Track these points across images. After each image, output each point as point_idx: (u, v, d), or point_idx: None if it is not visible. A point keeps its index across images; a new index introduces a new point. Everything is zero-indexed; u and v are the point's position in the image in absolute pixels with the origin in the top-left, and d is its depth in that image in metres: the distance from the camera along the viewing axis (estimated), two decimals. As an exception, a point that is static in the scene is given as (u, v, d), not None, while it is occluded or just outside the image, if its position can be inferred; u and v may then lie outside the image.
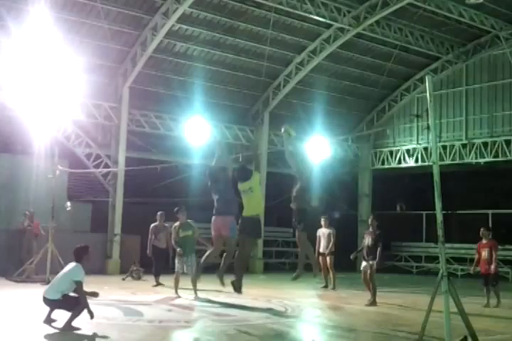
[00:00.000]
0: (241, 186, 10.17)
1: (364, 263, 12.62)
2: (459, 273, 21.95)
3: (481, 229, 12.95)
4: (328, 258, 15.82)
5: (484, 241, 12.75)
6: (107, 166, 19.83)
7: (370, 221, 13.04)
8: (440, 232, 7.28)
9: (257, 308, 11.71)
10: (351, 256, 13.30)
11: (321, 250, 16.04)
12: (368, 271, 12.41)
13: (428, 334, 7.10)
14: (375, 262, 12.34)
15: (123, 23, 18.87)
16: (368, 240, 12.64)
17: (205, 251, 11.29)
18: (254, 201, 10.05)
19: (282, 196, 25.04)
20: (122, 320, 9.77)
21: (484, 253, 12.62)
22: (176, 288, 13.01)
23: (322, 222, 16.31)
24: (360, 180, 26.26)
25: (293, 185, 11.15)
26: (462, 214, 23.23)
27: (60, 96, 17.10)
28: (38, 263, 15.46)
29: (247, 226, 9.85)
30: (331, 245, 15.90)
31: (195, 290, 12.76)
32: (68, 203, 17.79)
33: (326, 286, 15.85)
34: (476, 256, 12.97)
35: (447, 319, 6.90)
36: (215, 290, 12.72)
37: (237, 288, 10.05)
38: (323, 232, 16.18)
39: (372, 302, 12.32)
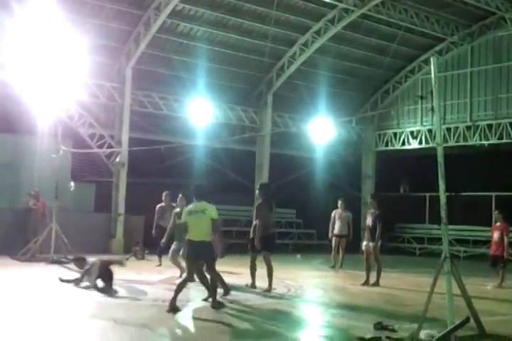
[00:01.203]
0: (194, 206, 9.12)
1: (365, 243, 12.72)
2: (462, 254, 22.04)
3: (494, 213, 13.32)
4: (343, 240, 16.01)
5: (497, 224, 13.15)
6: (110, 146, 19.84)
7: (369, 201, 13.10)
8: (443, 214, 7.29)
9: (259, 289, 11.78)
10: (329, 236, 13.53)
11: (336, 232, 16.09)
12: (370, 251, 12.48)
13: (430, 314, 7.14)
14: (374, 245, 12.40)
15: (126, 2, 18.74)
16: (368, 220, 12.71)
17: None
18: (204, 224, 8.88)
19: (285, 177, 25.15)
20: (127, 299, 9.84)
21: (495, 236, 13.02)
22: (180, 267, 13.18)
23: (339, 204, 16.27)
24: (363, 161, 26.24)
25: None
26: (466, 196, 23.24)
27: (63, 76, 17.05)
28: (42, 242, 15.55)
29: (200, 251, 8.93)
30: (351, 231, 16.16)
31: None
32: (72, 183, 17.84)
33: (334, 266, 15.93)
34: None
35: (449, 300, 6.94)
36: (218, 270, 12.75)
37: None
38: (339, 214, 16.15)
39: (375, 283, 12.41)
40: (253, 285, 11.44)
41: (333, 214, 16.29)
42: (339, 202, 16.31)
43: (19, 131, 18.88)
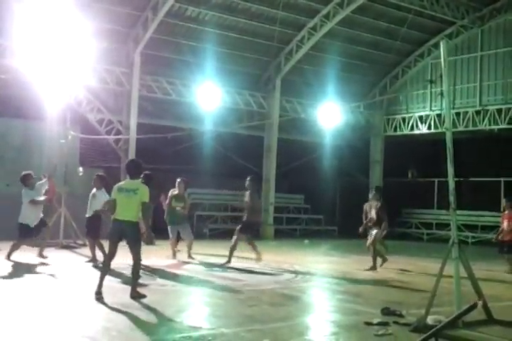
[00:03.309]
0: (126, 183, 8.52)
1: (370, 232, 13.06)
2: (470, 240, 22.02)
3: (503, 200, 13.46)
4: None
5: (506, 212, 13.18)
6: (118, 132, 19.87)
7: (372, 194, 13.46)
8: (452, 199, 7.27)
9: (268, 274, 11.85)
10: (360, 230, 13.44)
11: (367, 221, 15.70)
12: (371, 238, 12.88)
13: (438, 300, 7.16)
14: (378, 231, 12.84)
15: (134, -14, 18.66)
16: (372, 213, 13.10)
17: None
18: (134, 204, 8.22)
19: (293, 163, 25.14)
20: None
21: (505, 224, 13.10)
22: (174, 252, 13.53)
23: (371, 196, 15.84)
24: (372, 146, 26.17)
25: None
26: (474, 181, 23.17)
27: (72, 61, 17.04)
28: (51, 227, 15.62)
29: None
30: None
31: (190, 253, 13.56)
32: (80, 168, 17.89)
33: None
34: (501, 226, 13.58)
35: (457, 285, 6.96)
36: (227, 255, 12.84)
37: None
38: (369, 206, 15.72)
39: (372, 267, 12.70)
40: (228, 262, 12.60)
41: (365, 207, 15.75)
42: (372, 193, 15.82)
43: (28, 117, 18.90)
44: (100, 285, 8.09)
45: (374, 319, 7.15)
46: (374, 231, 12.87)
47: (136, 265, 8.42)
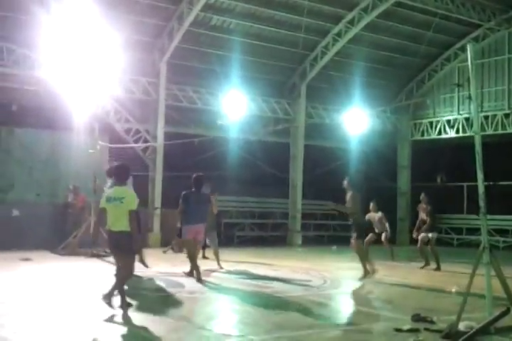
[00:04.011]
0: (113, 192, 7.98)
1: (422, 234, 14.20)
2: (501, 245, 21.71)
3: None
4: (382, 235, 16.09)
5: None
6: (146, 141, 20.04)
7: (421, 197, 14.51)
8: (482, 204, 7.19)
9: (296, 280, 11.81)
10: (414, 235, 14.62)
11: (376, 231, 15.98)
12: (425, 241, 14.11)
13: (470, 305, 7.06)
14: (432, 234, 14.15)
15: (159, -3, 18.85)
16: (422, 215, 14.32)
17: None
18: (122, 213, 7.70)
19: (320, 169, 25.07)
20: (164, 291, 9.97)
21: None
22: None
23: (371, 207, 16.18)
24: (399, 151, 25.99)
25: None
26: (504, 185, 22.85)
27: (99, 72, 17.25)
28: (81, 236, 15.80)
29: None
30: (387, 226, 16.38)
31: (219, 261, 13.44)
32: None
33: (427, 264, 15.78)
34: None
35: (489, 291, 6.86)
36: (255, 262, 12.85)
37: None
38: (373, 217, 16.07)
39: (436, 268, 13.76)
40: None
41: (367, 218, 15.86)
42: (371, 205, 16.16)
43: (57, 127, 19.17)
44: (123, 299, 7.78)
45: (404, 325, 7.08)
46: (430, 235, 14.07)
47: (126, 275, 7.94)
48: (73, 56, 16.53)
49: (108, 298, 7.87)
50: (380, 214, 16.26)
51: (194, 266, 11.10)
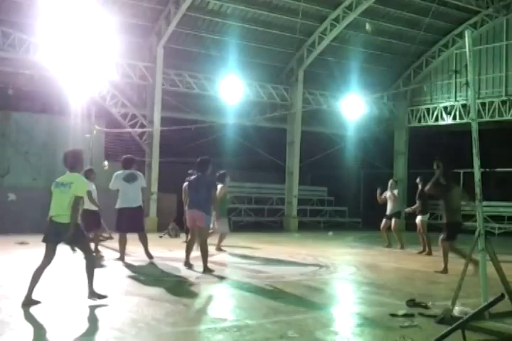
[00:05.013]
0: (63, 177, 7.80)
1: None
2: (497, 231, 21.81)
3: None
4: (393, 220, 15.49)
5: None
6: (142, 126, 20.00)
7: (417, 181, 14.69)
8: (478, 190, 7.21)
9: (292, 265, 11.87)
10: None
11: (387, 212, 15.67)
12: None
13: (464, 291, 7.12)
14: (423, 216, 14.33)
15: (156, -20, 18.71)
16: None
17: None
18: (67, 200, 7.43)
19: (317, 155, 25.09)
20: (160, 276, 10.01)
21: None
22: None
23: (389, 185, 15.85)
24: (396, 138, 25.99)
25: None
26: (501, 172, 22.92)
27: (96, 56, 17.17)
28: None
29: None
30: (391, 207, 15.60)
31: (220, 245, 13.53)
32: (106, 162, 18.06)
33: (389, 246, 15.70)
34: None
35: (483, 277, 6.90)
36: (251, 247, 12.89)
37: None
38: (388, 195, 15.82)
39: (428, 253, 13.83)
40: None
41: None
42: (389, 183, 15.86)
43: (53, 112, 19.13)
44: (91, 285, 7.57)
45: (399, 311, 7.13)
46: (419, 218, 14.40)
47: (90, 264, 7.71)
48: (69, 40, 16.46)
49: (93, 295, 7.56)
50: (393, 191, 15.68)
51: (187, 251, 10.96)
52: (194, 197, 10.60)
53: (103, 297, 7.50)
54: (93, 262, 7.81)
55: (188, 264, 10.72)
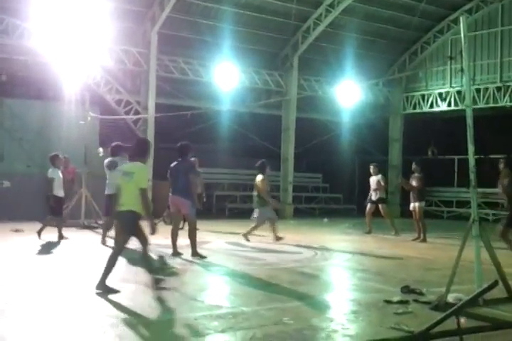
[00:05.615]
0: (126, 166, 7.92)
1: (412, 204, 14.38)
2: (491, 217, 21.88)
3: None
4: (380, 206, 15.65)
5: None
6: (137, 112, 19.92)
7: (413, 167, 14.59)
8: (472, 177, 7.22)
9: (287, 252, 11.90)
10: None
11: (372, 198, 15.79)
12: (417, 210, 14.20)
13: (458, 278, 7.15)
14: (420, 202, 14.25)
15: (149, -35, 18.53)
16: (414, 183, 14.32)
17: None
18: (131, 190, 7.52)
19: (312, 141, 25.06)
20: (155, 263, 10.00)
21: None
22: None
23: (371, 170, 15.99)
24: (390, 124, 25.97)
25: None
26: (495, 158, 22.93)
27: (89, 42, 17.06)
28: (72, 208, 15.81)
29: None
30: (379, 192, 15.68)
31: (276, 235, 13.31)
32: (100, 149, 17.98)
33: (369, 232, 15.82)
34: None
35: (478, 263, 6.93)
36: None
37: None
38: (372, 180, 15.89)
39: (422, 240, 14.00)
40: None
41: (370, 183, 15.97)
42: (371, 168, 15.98)
43: (47, 98, 19.01)
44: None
45: (394, 297, 7.17)
46: (417, 205, 14.33)
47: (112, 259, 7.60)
48: (63, 25, 16.33)
49: (101, 287, 7.39)
50: (378, 177, 15.82)
51: (173, 240, 10.88)
52: (174, 183, 10.67)
53: (113, 291, 7.24)
54: (117, 256, 7.64)
55: (176, 253, 10.69)
